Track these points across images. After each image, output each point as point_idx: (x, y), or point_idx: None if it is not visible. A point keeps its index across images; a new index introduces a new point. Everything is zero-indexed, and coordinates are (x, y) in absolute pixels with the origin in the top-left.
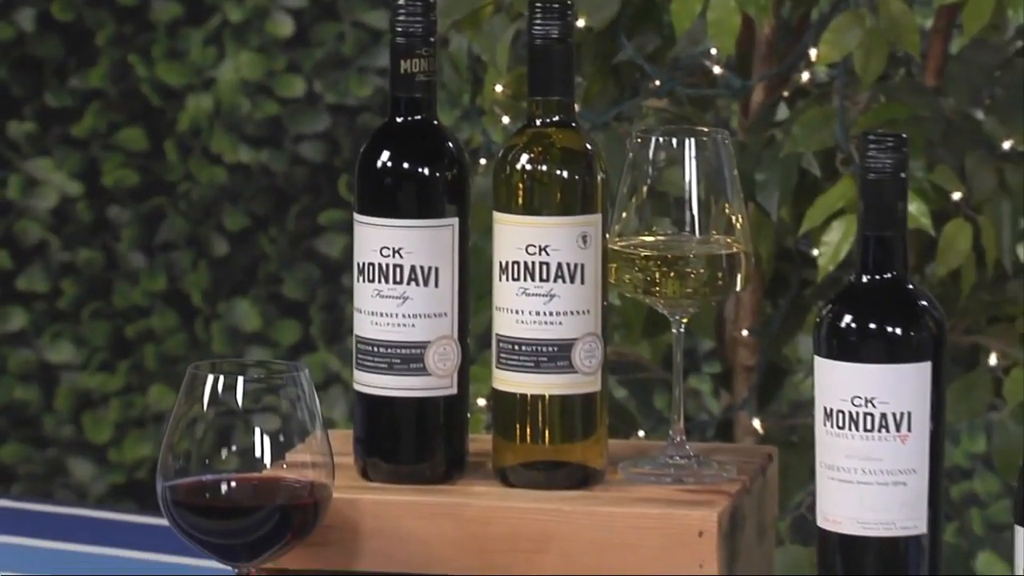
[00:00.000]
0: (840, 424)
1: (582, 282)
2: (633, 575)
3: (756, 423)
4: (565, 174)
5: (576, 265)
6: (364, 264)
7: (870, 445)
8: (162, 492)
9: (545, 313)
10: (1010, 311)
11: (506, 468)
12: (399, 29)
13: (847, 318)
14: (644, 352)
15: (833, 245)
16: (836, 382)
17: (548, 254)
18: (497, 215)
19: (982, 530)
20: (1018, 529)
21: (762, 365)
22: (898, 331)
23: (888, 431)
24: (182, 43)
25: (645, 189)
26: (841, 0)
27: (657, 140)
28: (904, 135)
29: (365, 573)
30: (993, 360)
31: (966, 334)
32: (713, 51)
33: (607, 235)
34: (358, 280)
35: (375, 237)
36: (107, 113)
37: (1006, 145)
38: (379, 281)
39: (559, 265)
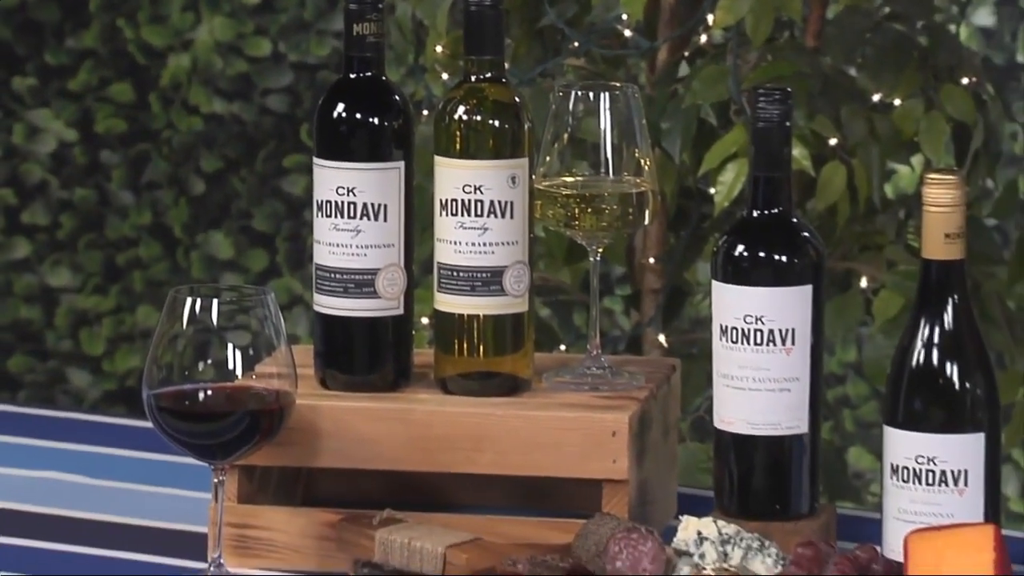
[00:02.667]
0: (734, 339)
1: (511, 217)
2: (556, 470)
3: (661, 338)
4: (496, 123)
5: (506, 202)
6: (322, 201)
7: (759, 357)
8: (147, 399)
9: (479, 244)
10: (879, 240)
11: (446, 378)
12: None
13: (740, 247)
14: (565, 277)
15: (728, 184)
16: (730, 302)
17: (482, 193)
18: (438, 159)
19: (853, 428)
20: (886, 427)
21: (666, 288)
22: (783, 258)
23: (775, 344)
24: (164, 9)
25: (566, 136)
26: None
27: (576, 94)
28: (788, 89)
29: (324, 469)
30: (864, 283)
31: (841, 260)
32: (624, 17)
33: (533, 176)
34: (317, 215)
35: (332, 178)
36: (99, 70)
37: (875, 98)
38: (335, 216)
39: (491, 202)
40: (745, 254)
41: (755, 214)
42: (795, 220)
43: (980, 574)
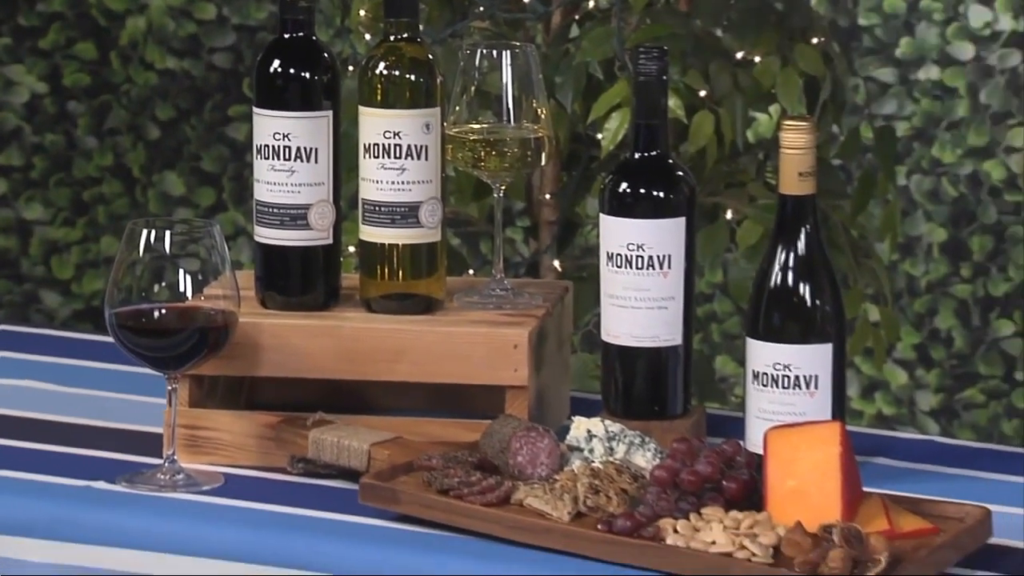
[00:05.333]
0: (618, 264)
1: (426, 159)
2: (465, 377)
3: (556, 264)
4: (412, 77)
5: (422, 146)
6: (262, 145)
7: (640, 279)
8: (109, 317)
9: (398, 182)
10: (742, 179)
11: (370, 299)
12: None
13: (623, 185)
14: (473, 211)
15: (613, 130)
16: (615, 232)
17: (400, 138)
18: (362, 108)
19: (720, 339)
20: (748, 339)
21: (560, 220)
22: (661, 194)
23: (654, 269)
24: None
25: (473, 89)
26: None
27: (482, 52)
28: (665, 48)
29: (264, 378)
30: (729, 215)
31: (710, 196)
32: None
33: (445, 124)
34: (257, 157)
35: (269, 125)
36: (66, 31)
37: (739, 55)
38: (273, 158)
39: (409, 146)
40: (628, 190)
41: (636, 156)
42: (671, 161)
43: (828, 463)
